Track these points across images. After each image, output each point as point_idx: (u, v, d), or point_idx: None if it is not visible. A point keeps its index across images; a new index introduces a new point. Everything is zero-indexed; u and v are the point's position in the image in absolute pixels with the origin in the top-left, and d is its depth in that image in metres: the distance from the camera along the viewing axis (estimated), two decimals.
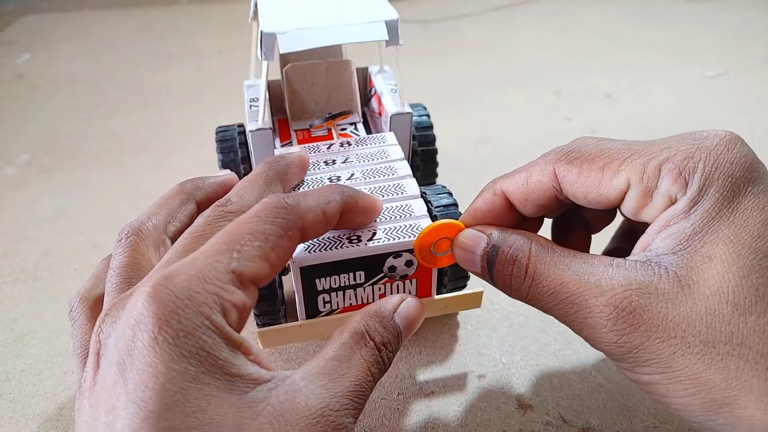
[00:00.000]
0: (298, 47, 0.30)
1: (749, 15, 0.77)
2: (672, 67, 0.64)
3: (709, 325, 0.18)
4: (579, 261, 0.21)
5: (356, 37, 0.31)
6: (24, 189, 0.47)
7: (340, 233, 0.26)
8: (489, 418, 0.29)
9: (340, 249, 0.26)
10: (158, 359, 0.17)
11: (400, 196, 0.29)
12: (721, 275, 0.18)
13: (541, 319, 0.34)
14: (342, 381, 0.19)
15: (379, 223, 0.27)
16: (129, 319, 0.17)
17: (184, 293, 0.18)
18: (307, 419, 0.18)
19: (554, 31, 0.74)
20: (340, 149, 0.32)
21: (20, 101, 0.61)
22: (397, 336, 0.22)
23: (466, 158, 0.49)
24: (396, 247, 0.26)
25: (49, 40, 0.76)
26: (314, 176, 0.30)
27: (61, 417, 0.30)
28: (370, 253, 0.26)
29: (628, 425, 0.29)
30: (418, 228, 0.27)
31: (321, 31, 0.31)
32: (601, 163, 0.22)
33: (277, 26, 0.30)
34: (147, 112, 0.58)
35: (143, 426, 0.16)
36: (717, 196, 0.19)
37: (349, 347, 0.20)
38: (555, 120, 0.55)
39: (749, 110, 0.55)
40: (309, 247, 0.26)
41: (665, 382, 0.19)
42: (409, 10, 0.79)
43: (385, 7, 0.33)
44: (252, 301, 0.20)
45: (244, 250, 0.19)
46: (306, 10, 0.32)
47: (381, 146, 0.33)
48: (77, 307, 0.24)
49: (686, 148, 0.20)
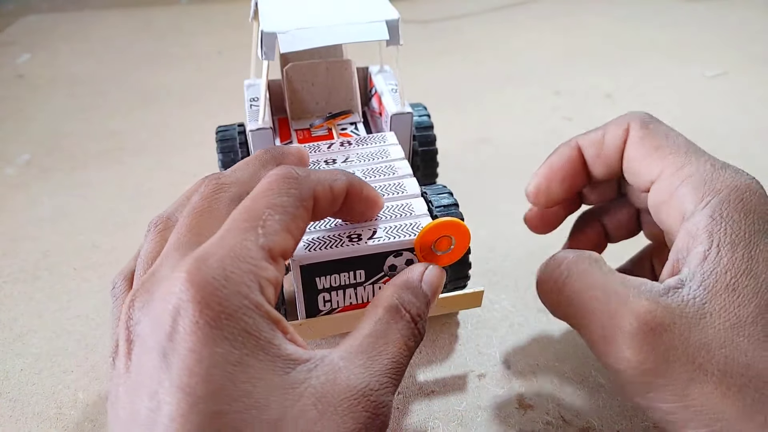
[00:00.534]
0: (299, 47, 0.30)
1: (749, 15, 0.77)
2: (672, 67, 0.64)
3: (728, 356, 0.18)
4: (612, 273, 0.22)
5: (357, 36, 0.31)
6: (24, 189, 0.47)
7: (341, 231, 0.26)
8: (489, 418, 0.29)
9: (341, 248, 0.26)
10: (201, 344, 0.16)
11: (400, 195, 0.29)
12: (741, 309, 0.19)
13: (541, 319, 0.34)
14: (380, 359, 0.19)
15: (380, 222, 0.27)
16: (166, 304, 0.17)
17: (220, 274, 0.17)
18: (349, 400, 0.18)
19: (554, 31, 0.74)
20: (340, 149, 0.32)
21: (20, 101, 0.61)
22: (428, 304, 0.22)
23: (466, 158, 0.49)
24: (397, 246, 0.26)
25: (49, 40, 0.76)
26: None
27: (61, 416, 0.30)
28: (370, 251, 0.26)
29: (628, 425, 0.29)
30: (418, 227, 0.27)
31: (321, 31, 0.31)
32: (666, 150, 0.23)
33: (278, 26, 0.30)
34: (147, 112, 0.58)
35: (192, 411, 0.16)
36: (747, 236, 0.20)
37: (385, 323, 0.20)
38: (555, 120, 0.55)
39: (749, 110, 0.55)
40: (309, 245, 0.26)
41: (679, 412, 0.19)
42: (409, 10, 0.79)
43: (385, 7, 0.33)
44: (282, 275, 0.19)
45: (268, 224, 0.19)
46: (306, 9, 0.33)
47: (381, 146, 0.33)
48: (120, 284, 0.23)
49: (731, 182, 0.21)
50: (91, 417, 0.30)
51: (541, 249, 0.40)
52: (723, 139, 0.50)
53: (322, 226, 0.27)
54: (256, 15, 0.36)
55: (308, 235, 0.27)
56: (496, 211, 0.43)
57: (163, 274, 0.19)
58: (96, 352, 0.33)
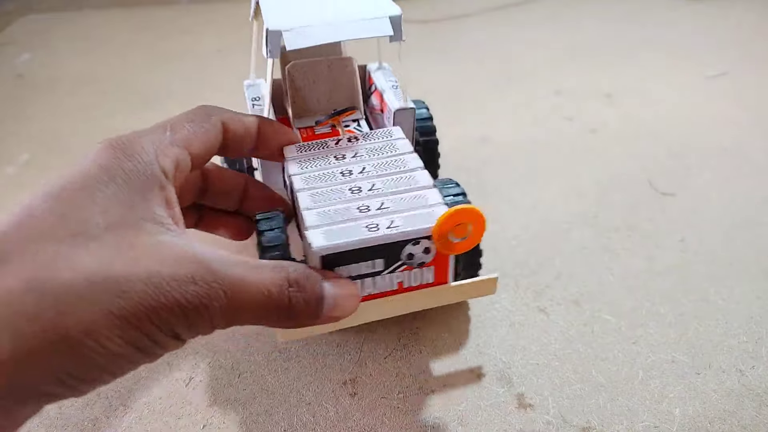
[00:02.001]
0: (304, 44, 0.30)
1: (749, 15, 0.77)
2: (672, 67, 0.64)
3: None
4: None
5: (361, 33, 0.31)
6: (24, 188, 0.47)
7: (358, 219, 0.27)
8: (489, 417, 0.29)
9: (360, 237, 0.26)
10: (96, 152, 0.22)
11: (413, 186, 0.29)
12: None
13: (541, 319, 0.35)
14: None
15: (397, 213, 0.28)
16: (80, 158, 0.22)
17: (129, 137, 0.23)
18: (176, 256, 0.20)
19: (554, 31, 0.74)
20: (348, 144, 0.33)
21: (20, 101, 0.61)
22: (317, 299, 0.24)
23: (467, 158, 0.49)
24: (415, 234, 0.27)
25: (49, 40, 0.76)
26: (326, 171, 0.30)
27: (61, 415, 0.30)
28: (390, 240, 0.26)
29: (628, 425, 0.29)
30: (435, 215, 0.27)
31: (326, 28, 0.31)
32: None
33: (282, 24, 0.31)
34: (147, 112, 0.58)
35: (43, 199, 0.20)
36: None
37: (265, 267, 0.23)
38: (555, 120, 0.55)
39: (749, 110, 0.55)
40: (328, 236, 0.26)
41: None
42: (409, 10, 0.79)
43: (387, 3, 0.33)
44: (186, 162, 0.24)
45: (174, 124, 0.25)
46: (308, 7, 0.33)
47: (388, 140, 0.33)
48: None
49: None
50: (91, 417, 0.30)
51: (541, 249, 0.40)
52: (723, 139, 0.50)
53: (333, 205, 0.28)
54: (257, 14, 0.36)
55: (321, 220, 0.27)
56: (496, 210, 0.43)
57: None
58: None
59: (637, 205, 0.43)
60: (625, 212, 0.43)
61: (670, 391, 0.30)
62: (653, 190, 0.45)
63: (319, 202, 0.29)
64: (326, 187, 0.30)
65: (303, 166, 0.31)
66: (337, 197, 0.29)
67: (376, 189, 0.29)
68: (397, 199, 0.28)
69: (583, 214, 0.43)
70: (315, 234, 0.26)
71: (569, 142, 0.51)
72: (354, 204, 0.28)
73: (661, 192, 0.45)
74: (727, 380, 0.31)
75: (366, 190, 0.29)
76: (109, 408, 0.30)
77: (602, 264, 0.38)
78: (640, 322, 0.34)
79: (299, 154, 0.32)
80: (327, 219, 0.27)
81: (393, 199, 0.29)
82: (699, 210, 0.43)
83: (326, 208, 0.28)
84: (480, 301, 0.36)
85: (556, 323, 0.34)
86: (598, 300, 0.36)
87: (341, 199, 0.29)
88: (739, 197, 0.44)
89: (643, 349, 0.33)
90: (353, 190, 0.29)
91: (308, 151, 0.32)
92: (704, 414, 0.29)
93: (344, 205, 0.28)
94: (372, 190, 0.29)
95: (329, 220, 0.27)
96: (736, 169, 0.47)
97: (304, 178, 0.30)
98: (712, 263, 0.38)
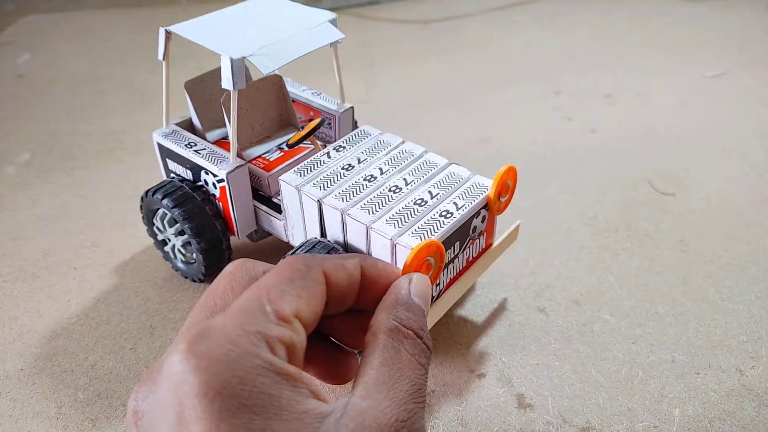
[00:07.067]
0: (276, 65, 0.29)
1: (749, 15, 0.77)
2: (672, 67, 0.64)
3: None
4: None
5: (318, 42, 0.31)
6: (24, 188, 0.47)
7: (423, 214, 0.28)
8: (489, 417, 0.29)
9: (443, 226, 0.27)
10: (217, 418, 0.15)
11: (435, 170, 0.30)
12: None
13: (541, 319, 0.35)
14: (399, 386, 0.18)
15: (450, 196, 0.29)
16: (168, 384, 0.15)
17: (224, 338, 0.16)
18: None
19: (554, 31, 0.74)
20: (343, 153, 0.32)
21: (20, 101, 0.61)
22: (424, 315, 0.21)
23: (467, 157, 0.49)
24: (480, 205, 0.29)
25: (49, 40, 0.76)
26: (352, 182, 0.30)
27: (61, 415, 0.30)
28: (467, 216, 0.28)
29: (627, 425, 0.29)
30: (478, 185, 0.29)
31: (286, 45, 0.30)
32: None
33: (241, 50, 0.29)
34: (147, 112, 0.58)
35: None
36: None
37: (391, 348, 0.19)
38: (555, 120, 0.55)
39: (749, 110, 0.55)
40: (414, 233, 0.27)
41: None
42: (409, 10, 0.79)
43: (315, 11, 0.33)
44: (300, 336, 0.18)
45: (273, 293, 0.18)
46: (246, 29, 0.31)
47: (376, 137, 0.33)
48: None
49: None
50: (91, 417, 0.30)
51: (541, 249, 0.40)
52: (723, 139, 0.50)
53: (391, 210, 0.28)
54: (167, 52, 0.33)
55: (395, 226, 0.27)
56: None
57: (165, 356, 0.17)
58: (96, 352, 0.33)
59: (637, 205, 0.43)
60: (625, 212, 0.43)
61: (669, 391, 0.30)
62: (653, 190, 0.45)
63: (377, 212, 0.28)
64: (367, 197, 0.29)
65: (329, 189, 0.30)
66: (384, 200, 0.29)
67: (411, 183, 0.30)
68: (437, 184, 0.29)
69: (583, 214, 0.43)
70: (406, 238, 0.26)
71: (569, 142, 0.51)
72: (405, 201, 0.28)
73: (661, 192, 0.45)
74: (727, 380, 0.31)
75: (404, 187, 0.30)
76: (109, 408, 0.30)
77: (602, 264, 0.38)
78: (640, 322, 0.34)
79: (303, 178, 0.30)
80: (398, 223, 0.27)
81: (434, 184, 0.29)
82: (699, 210, 0.43)
83: (387, 216, 0.28)
84: (480, 301, 0.36)
85: (556, 323, 0.34)
86: (598, 300, 0.36)
87: (392, 201, 0.29)
88: (739, 197, 0.44)
89: (642, 349, 0.33)
90: (392, 190, 0.29)
91: (311, 173, 0.31)
92: (704, 414, 0.29)
93: (400, 205, 0.28)
94: (409, 185, 0.30)
95: (403, 225, 0.27)
96: (736, 169, 0.47)
97: (336, 195, 0.29)
98: (712, 263, 0.38)
